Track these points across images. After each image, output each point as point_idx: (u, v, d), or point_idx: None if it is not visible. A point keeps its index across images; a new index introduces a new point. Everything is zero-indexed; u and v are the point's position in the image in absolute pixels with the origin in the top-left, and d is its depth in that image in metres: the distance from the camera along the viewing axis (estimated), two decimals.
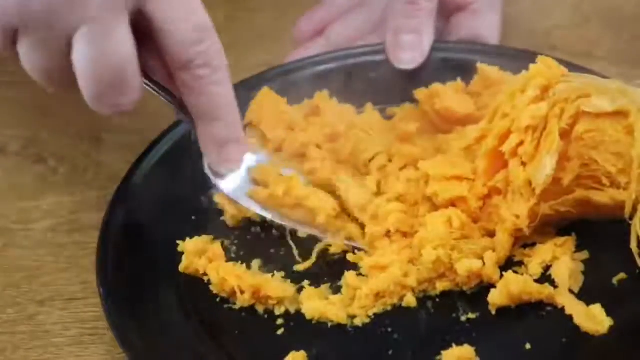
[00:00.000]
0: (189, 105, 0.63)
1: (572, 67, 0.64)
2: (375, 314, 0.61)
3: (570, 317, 0.59)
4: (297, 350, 0.59)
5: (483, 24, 0.77)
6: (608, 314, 0.58)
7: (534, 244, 0.62)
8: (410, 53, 0.74)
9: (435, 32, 0.75)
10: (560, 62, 0.62)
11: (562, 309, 0.59)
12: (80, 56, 0.57)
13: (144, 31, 0.59)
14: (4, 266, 0.70)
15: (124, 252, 0.65)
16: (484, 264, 0.61)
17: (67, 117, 0.81)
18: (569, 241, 0.62)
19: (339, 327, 0.61)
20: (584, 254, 0.62)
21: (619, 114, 0.59)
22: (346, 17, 0.81)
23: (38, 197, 0.75)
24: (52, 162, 0.78)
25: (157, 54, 0.61)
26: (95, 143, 0.79)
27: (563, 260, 0.61)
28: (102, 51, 0.56)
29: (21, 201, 0.75)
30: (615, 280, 0.60)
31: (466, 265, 0.60)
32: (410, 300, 0.61)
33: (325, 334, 0.61)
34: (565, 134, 0.60)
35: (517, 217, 0.61)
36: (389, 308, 0.62)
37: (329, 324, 0.61)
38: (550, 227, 0.63)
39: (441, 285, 0.62)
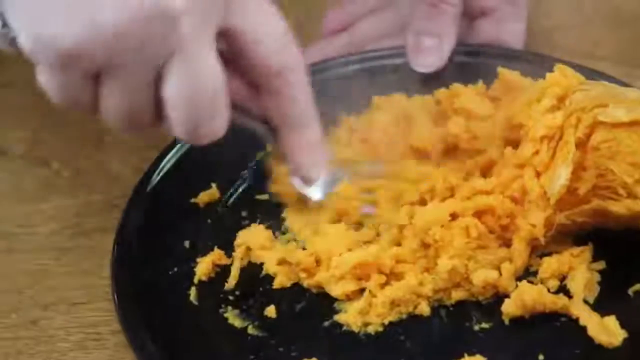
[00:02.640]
0: (277, 114, 0.62)
1: (577, 67, 0.64)
2: (389, 322, 0.61)
3: (584, 329, 0.58)
4: (309, 357, 0.59)
5: (506, 31, 0.76)
6: (623, 325, 0.57)
7: (550, 254, 0.62)
8: (429, 57, 0.73)
9: (458, 37, 0.75)
10: (564, 62, 0.62)
11: (576, 320, 0.59)
12: (174, 86, 0.54)
13: (218, 51, 0.57)
14: (7, 270, 0.69)
15: (139, 257, 0.64)
16: (500, 274, 0.60)
17: (71, 120, 0.80)
18: (586, 251, 0.61)
19: (351, 334, 0.60)
20: (600, 264, 0.61)
21: (636, 124, 0.58)
22: (373, 15, 0.81)
23: (42, 201, 0.74)
24: (55, 165, 0.77)
25: (234, 73, 0.60)
26: (100, 146, 0.78)
27: (579, 270, 0.60)
28: (196, 77, 0.54)
29: (24, 204, 0.74)
30: (631, 291, 0.59)
31: (482, 276, 0.60)
32: (424, 309, 0.61)
33: (336, 341, 0.60)
34: (581, 144, 0.59)
35: (534, 226, 0.60)
36: (404, 317, 0.61)
37: (340, 330, 0.61)
38: (567, 236, 0.62)
39: (456, 295, 0.61)
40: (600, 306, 0.59)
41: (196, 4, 0.53)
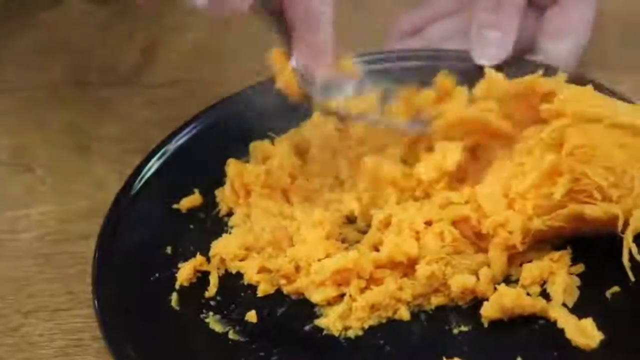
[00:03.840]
0: (292, 11, 0.63)
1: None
2: (369, 326, 0.61)
3: (562, 331, 0.58)
4: None
5: (575, 17, 0.75)
6: (600, 327, 0.57)
7: (530, 261, 0.62)
8: (492, 49, 0.72)
9: (528, 28, 0.74)
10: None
11: (554, 322, 0.59)
12: None
13: None
14: None
15: (120, 263, 0.64)
16: (478, 279, 0.60)
17: (56, 127, 0.80)
18: (565, 255, 0.61)
19: (331, 338, 0.60)
20: (580, 267, 0.61)
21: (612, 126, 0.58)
22: (445, 20, 0.81)
23: (26, 207, 0.74)
24: (40, 171, 0.78)
25: None
26: (84, 153, 0.78)
27: (559, 274, 0.60)
28: None
29: (9, 211, 0.74)
30: (608, 294, 0.59)
31: (460, 282, 0.60)
32: (403, 314, 0.61)
33: (317, 345, 0.60)
34: (556, 148, 0.59)
35: (510, 232, 0.60)
36: (384, 321, 0.61)
37: (320, 335, 0.61)
38: (546, 244, 0.62)
39: (436, 300, 0.61)
40: (578, 309, 0.59)
41: None
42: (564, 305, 0.59)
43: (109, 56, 0.89)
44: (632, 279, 0.57)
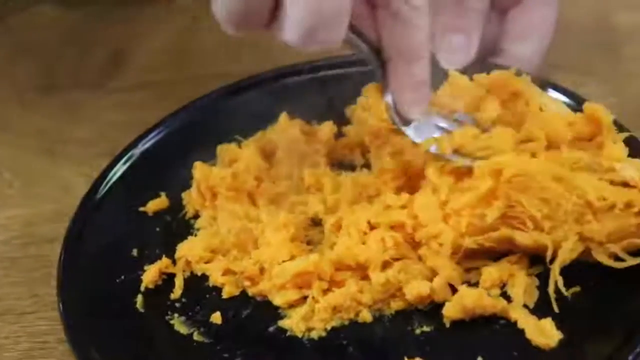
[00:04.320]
0: (392, 40, 0.61)
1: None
2: (332, 327, 0.61)
3: (522, 331, 0.59)
4: None
5: (538, 18, 0.75)
6: (560, 326, 0.58)
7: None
8: (457, 54, 0.72)
9: (491, 30, 0.74)
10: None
11: (515, 322, 0.59)
12: None
13: None
14: None
15: (86, 265, 0.65)
16: (433, 285, 0.61)
17: (23, 131, 0.80)
18: (524, 257, 0.62)
19: (295, 339, 0.61)
20: (539, 268, 0.62)
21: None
22: None
23: None
24: (7, 175, 0.78)
25: None
26: (51, 156, 0.79)
27: (518, 276, 0.61)
28: None
29: None
30: (568, 294, 0.60)
31: (414, 289, 0.60)
32: (366, 316, 0.61)
33: (281, 346, 0.61)
34: (495, 173, 0.60)
35: (441, 245, 0.61)
36: (346, 322, 0.61)
37: (284, 336, 0.61)
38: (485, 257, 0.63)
39: (395, 305, 0.61)
40: (538, 309, 0.60)
41: None
42: (525, 306, 0.60)
43: (77, 60, 0.89)
44: (556, 310, 0.58)
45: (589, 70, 0.80)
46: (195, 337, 0.62)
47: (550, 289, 0.58)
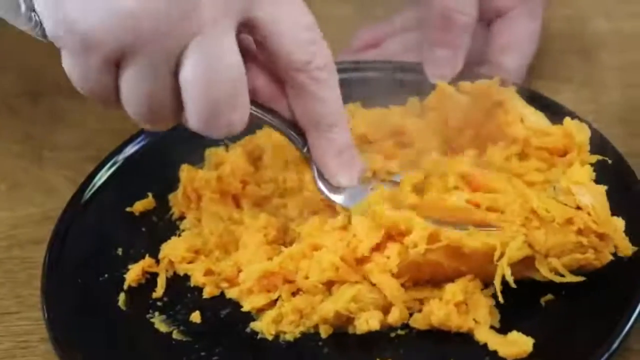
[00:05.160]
0: (303, 113, 0.61)
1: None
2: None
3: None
4: None
5: (521, 31, 0.77)
6: (534, 334, 0.58)
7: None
8: (443, 68, 0.74)
9: (477, 41, 0.76)
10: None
11: None
12: (192, 72, 0.54)
13: (243, 47, 0.57)
14: None
15: (70, 263, 0.66)
16: (385, 315, 0.61)
17: (9, 136, 0.81)
18: (476, 279, 0.61)
19: (271, 340, 0.62)
20: (491, 290, 0.61)
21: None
22: (405, 35, 0.82)
23: None
24: None
25: (260, 70, 0.60)
26: (37, 160, 0.79)
27: (479, 297, 0.61)
28: (215, 64, 0.54)
29: None
30: (542, 301, 0.61)
31: (364, 325, 0.60)
32: (327, 330, 0.62)
33: (257, 346, 0.62)
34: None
35: (388, 257, 0.61)
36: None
37: (260, 336, 0.62)
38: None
39: (354, 328, 0.61)
40: (514, 315, 0.60)
41: None
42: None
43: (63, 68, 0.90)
44: (502, 300, 0.59)
45: (567, 77, 0.80)
46: (175, 335, 0.63)
47: (496, 282, 0.58)
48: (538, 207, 0.59)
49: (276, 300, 0.63)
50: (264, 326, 0.62)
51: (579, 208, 0.59)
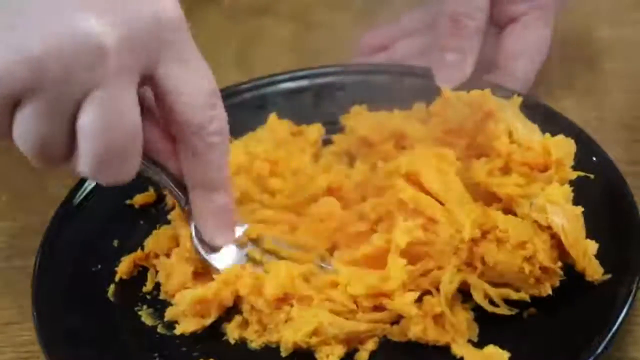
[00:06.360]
0: (191, 173, 0.62)
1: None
2: None
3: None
4: (208, 357, 0.62)
5: (533, 37, 0.77)
6: (511, 347, 0.59)
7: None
8: (452, 72, 0.74)
9: (488, 45, 0.76)
10: None
11: None
12: (89, 122, 0.54)
13: (142, 98, 0.57)
14: None
15: (64, 254, 0.67)
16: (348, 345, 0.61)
17: (11, 144, 0.81)
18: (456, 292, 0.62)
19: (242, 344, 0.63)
20: (472, 303, 0.62)
21: None
22: (412, 37, 0.82)
23: None
24: None
25: (154, 124, 0.61)
26: (39, 172, 0.79)
27: (458, 309, 0.61)
28: (114, 117, 0.54)
29: None
30: (525, 314, 0.61)
31: (324, 358, 0.61)
32: (288, 349, 0.62)
33: (235, 344, 0.63)
34: None
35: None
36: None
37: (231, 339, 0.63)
38: None
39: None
40: (494, 329, 0.61)
41: (128, 44, 0.54)
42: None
43: None
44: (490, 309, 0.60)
45: (570, 85, 0.81)
46: (159, 329, 0.64)
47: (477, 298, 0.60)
48: (476, 232, 0.60)
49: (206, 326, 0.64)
50: (229, 329, 0.63)
51: (549, 227, 0.59)
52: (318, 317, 0.60)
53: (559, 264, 0.60)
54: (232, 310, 0.64)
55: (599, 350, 0.56)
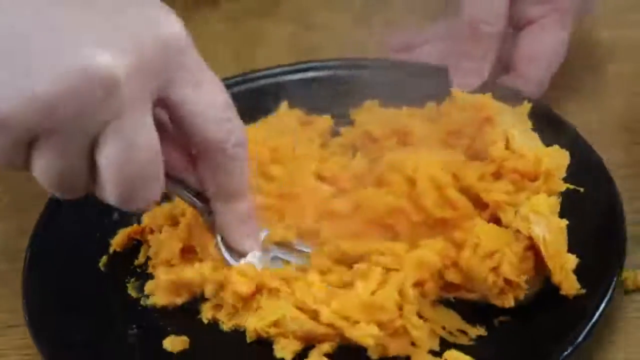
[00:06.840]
0: (213, 185, 0.63)
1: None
2: None
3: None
4: (183, 334, 0.64)
5: (550, 40, 0.77)
6: (487, 355, 0.59)
7: None
8: (469, 77, 0.75)
9: (506, 47, 0.76)
10: None
11: None
12: (109, 154, 0.54)
13: (157, 120, 0.57)
14: None
15: (50, 275, 0.68)
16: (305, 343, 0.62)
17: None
18: None
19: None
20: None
21: None
22: (436, 42, 0.83)
23: None
24: None
25: (172, 143, 0.61)
26: None
27: (416, 321, 0.61)
28: (133, 147, 0.54)
29: None
30: (496, 322, 0.62)
31: (279, 350, 0.62)
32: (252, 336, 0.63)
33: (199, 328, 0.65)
34: None
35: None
36: None
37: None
38: None
39: None
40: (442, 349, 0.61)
41: (138, 72, 0.53)
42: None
43: None
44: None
45: (571, 87, 0.81)
46: (142, 302, 0.66)
47: None
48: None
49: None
50: (204, 309, 0.65)
51: (530, 238, 0.60)
52: (282, 310, 0.61)
53: (526, 276, 0.60)
54: None
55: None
